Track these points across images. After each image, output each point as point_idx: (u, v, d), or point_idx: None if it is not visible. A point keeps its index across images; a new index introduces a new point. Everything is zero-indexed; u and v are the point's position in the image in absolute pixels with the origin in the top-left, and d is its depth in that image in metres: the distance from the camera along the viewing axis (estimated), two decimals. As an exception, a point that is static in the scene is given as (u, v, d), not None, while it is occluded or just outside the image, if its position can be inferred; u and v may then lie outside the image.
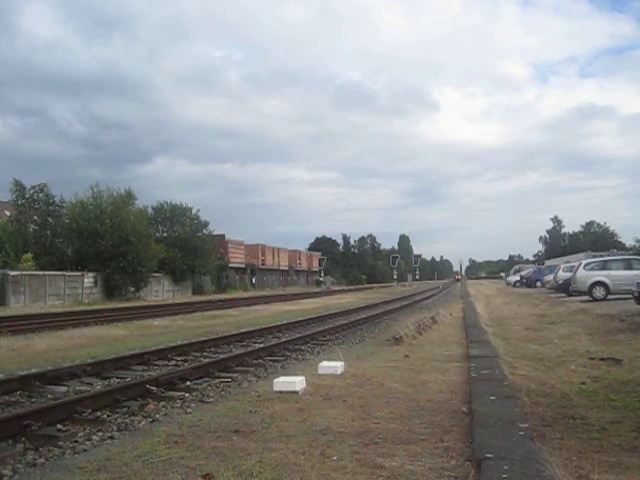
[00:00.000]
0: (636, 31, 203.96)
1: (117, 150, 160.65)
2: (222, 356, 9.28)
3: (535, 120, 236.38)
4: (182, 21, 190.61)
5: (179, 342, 11.36)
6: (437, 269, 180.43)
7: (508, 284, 53.21)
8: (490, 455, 3.25)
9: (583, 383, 6.06)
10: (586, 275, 21.09)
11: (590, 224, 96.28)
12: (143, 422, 5.26)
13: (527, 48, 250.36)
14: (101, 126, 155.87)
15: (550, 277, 32.21)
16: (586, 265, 21.91)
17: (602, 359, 7.43)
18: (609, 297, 20.08)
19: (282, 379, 6.08)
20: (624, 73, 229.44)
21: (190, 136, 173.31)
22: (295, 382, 5.89)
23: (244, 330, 13.61)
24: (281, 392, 5.79)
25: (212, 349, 10.72)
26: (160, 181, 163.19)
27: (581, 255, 47.25)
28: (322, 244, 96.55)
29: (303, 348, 10.66)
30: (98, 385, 7.34)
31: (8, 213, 37.46)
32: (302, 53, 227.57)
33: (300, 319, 16.78)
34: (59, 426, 5.07)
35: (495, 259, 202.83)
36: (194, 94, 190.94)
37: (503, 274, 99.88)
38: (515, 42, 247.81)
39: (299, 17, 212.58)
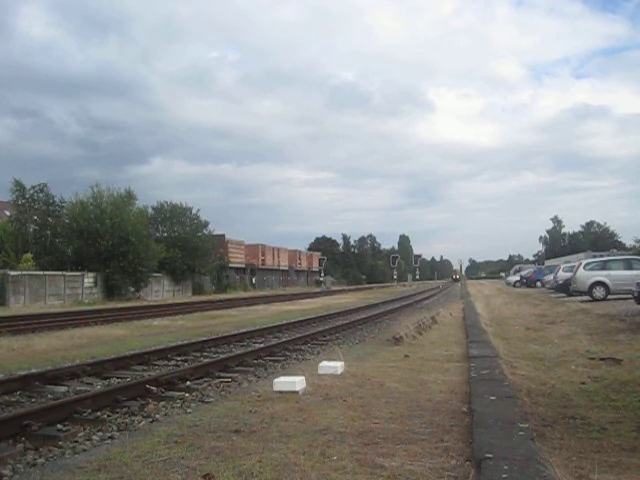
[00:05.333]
0: (630, 32, 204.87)
1: (114, 151, 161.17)
2: (222, 356, 9.28)
3: (530, 120, 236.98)
4: (177, 22, 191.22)
5: (179, 342, 11.36)
6: (437, 269, 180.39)
7: (508, 284, 53.17)
8: (490, 455, 3.25)
9: (583, 383, 6.06)
10: (586, 275, 21.08)
11: (590, 224, 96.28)
12: (143, 422, 5.26)
13: (521, 49, 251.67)
14: (98, 127, 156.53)
15: (550, 277, 32.19)
16: (586, 265, 21.91)
17: (602, 359, 7.43)
18: (609, 297, 20.07)
19: (282, 379, 6.08)
20: (618, 74, 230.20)
21: (186, 137, 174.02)
22: (295, 382, 5.89)
23: (244, 330, 13.61)
24: (281, 392, 5.79)
25: (212, 349, 10.72)
26: (157, 182, 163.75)
27: (581, 255, 47.25)
28: (322, 244, 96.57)
29: (303, 348, 10.66)
30: (98, 385, 7.34)
31: (8, 213, 37.46)
32: (297, 54, 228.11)
33: (300, 319, 16.79)
34: (59, 426, 5.08)
35: (495, 259, 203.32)
36: (190, 95, 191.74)
37: (503, 274, 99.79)
38: (509, 43, 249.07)
39: (293, 18, 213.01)
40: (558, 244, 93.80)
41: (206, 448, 3.96)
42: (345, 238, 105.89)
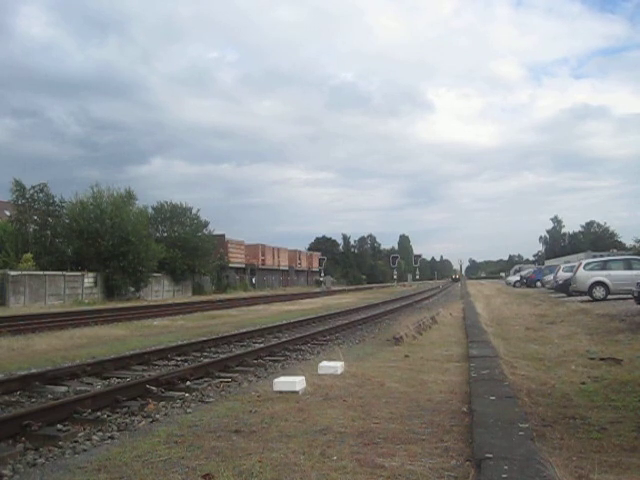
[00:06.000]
0: (629, 32, 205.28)
1: (114, 151, 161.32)
2: (222, 356, 9.28)
3: (530, 121, 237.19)
4: (176, 22, 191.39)
5: (179, 342, 11.36)
6: (437, 269, 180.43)
7: (508, 284, 53.17)
8: (490, 455, 3.25)
9: (583, 383, 6.06)
10: (586, 275, 21.08)
11: (590, 224, 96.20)
12: (143, 422, 5.27)
13: (520, 49, 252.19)
14: (97, 127, 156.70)
15: (550, 277, 32.20)
16: (586, 265, 21.91)
17: (602, 359, 7.43)
18: (609, 297, 20.07)
19: (282, 379, 6.08)
20: (617, 74, 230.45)
21: (186, 137, 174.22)
22: (295, 382, 5.89)
23: (244, 330, 13.61)
24: (281, 392, 5.79)
25: (212, 349, 10.72)
26: (157, 182, 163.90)
27: (581, 255, 47.26)
28: (322, 244, 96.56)
29: (303, 348, 10.66)
30: (98, 385, 7.34)
31: (8, 213, 37.46)
32: (296, 54, 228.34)
33: (300, 319, 16.79)
34: (59, 426, 5.08)
35: (495, 259, 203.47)
36: (189, 95, 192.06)
37: (503, 274, 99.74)
38: (508, 43, 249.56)
39: (293, 18, 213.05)
40: (558, 244, 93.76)
41: (206, 448, 3.96)
42: (345, 238, 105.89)
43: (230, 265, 54.10)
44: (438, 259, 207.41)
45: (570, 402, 5.23)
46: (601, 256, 32.24)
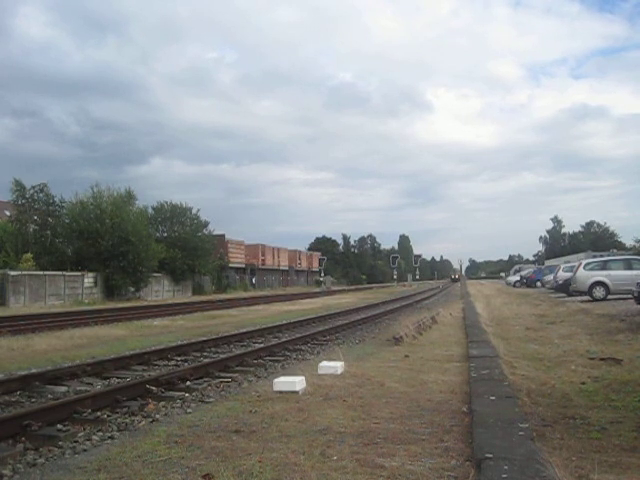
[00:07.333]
0: (628, 32, 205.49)
1: (113, 151, 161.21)
2: (222, 356, 9.28)
3: (529, 121, 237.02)
4: (175, 23, 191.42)
5: (179, 342, 11.36)
6: (437, 269, 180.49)
7: (508, 284, 53.16)
8: (490, 455, 3.25)
9: (583, 383, 6.06)
10: (586, 275, 21.08)
11: (590, 224, 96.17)
12: (143, 422, 5.26)
13: (519, 49, 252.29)
14: (97, 127, 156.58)
15: (550, 277, 32.19)
16: (586, 265, 21.91)
17: (602, 359, 7.43)
18: (609, 297, 20.08)
19: (282, 379, 6.08)
20: (616, 74, 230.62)
21: (186, 137, 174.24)
22: (295, 382, 5.89)
23: (244, 330, 13.61)
24: (281, 392, 5.79)
25: (212, 349, 10.72)
26: (157, 182, 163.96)
27: (581, 255, 47.28)
28: (322, 244, 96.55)
29: (303, 348, 10.66)
30: (98, 385, 7.34)
31: (8, 213, 37.47)
32: (295, 54, 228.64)
33: (300, 319, 16.78)
34: (59, 426, 5.07)
35: (495, 259, 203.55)
36: (188, 95, 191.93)
37: (503, 274, 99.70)
38: (507, 43, 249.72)
39: (292, 18, 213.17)
40: (558, 244, 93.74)
41: (206, 448, 3.96)
42: (345, 238, 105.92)
43: (230, 265, 54.11)
44: (438, 259, 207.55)
45: (570, 402, 5.23)
46: (601, 256, 32.25)
